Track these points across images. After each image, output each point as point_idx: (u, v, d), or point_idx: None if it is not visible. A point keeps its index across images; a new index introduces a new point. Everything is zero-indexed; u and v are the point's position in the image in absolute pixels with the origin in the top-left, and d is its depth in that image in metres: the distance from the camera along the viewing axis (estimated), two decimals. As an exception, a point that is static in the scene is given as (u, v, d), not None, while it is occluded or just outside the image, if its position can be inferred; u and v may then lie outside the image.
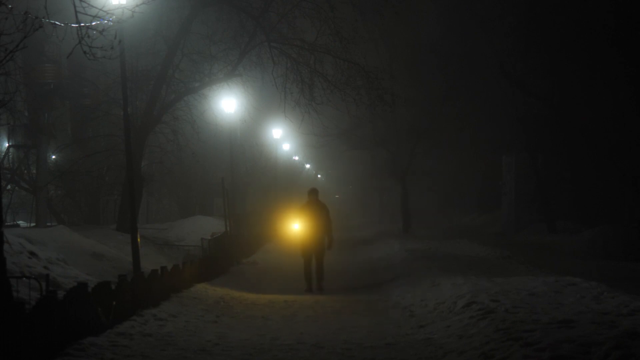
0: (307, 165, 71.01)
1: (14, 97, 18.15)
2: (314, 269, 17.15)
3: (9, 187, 27.01)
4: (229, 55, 25.08)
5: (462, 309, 11.72)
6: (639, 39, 27.89)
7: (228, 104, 26.38)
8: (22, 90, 23.52)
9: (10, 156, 27.98)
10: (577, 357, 7.77)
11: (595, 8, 29.19)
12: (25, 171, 28.17)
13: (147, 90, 25.67)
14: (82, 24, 9.66)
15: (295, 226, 17.29)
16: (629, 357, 7.54)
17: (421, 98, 36.65)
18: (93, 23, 9.76)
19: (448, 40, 34.24)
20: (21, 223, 29.08)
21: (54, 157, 29.51)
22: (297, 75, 24.38)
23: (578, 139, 32.32)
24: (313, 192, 17.54)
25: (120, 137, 23.35)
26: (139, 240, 15.99)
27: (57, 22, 10.04)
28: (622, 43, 28.46)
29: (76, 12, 9.59)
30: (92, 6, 9.83)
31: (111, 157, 28.00)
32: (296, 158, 61.69)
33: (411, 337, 10.43)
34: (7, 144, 28.08)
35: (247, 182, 40.61)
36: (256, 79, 26.32)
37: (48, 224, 26.75)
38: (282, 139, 45.18)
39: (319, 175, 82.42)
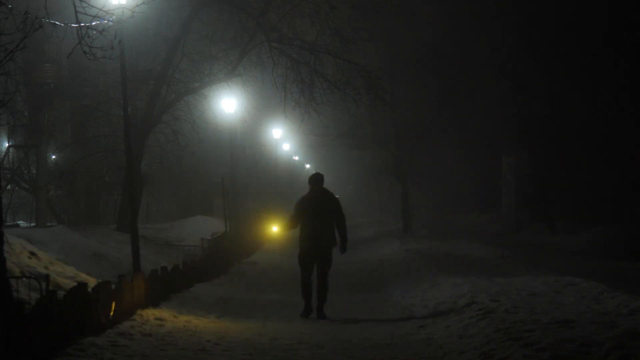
0: (307, 165, 70.99)
1: (14, 97, 18.10)
2: (314, 285, 12.93)
3: (9, 187, 26.97)
4: (229, 55, 25.08)
5: (462, 309, 11.73)
6: (636, 40, 27.94)
7: (228, 104, 26.38)
8: (22, 90, 23.48)
9: (10, 156, 27.94)
10: (577, 357, 7.78)
11: (595, 8, 29.25)
12: (25, 171, 28.14)
13: (147, 90, 25.65)
14: (82, 24, 9.66)
15: (274, 229, 13.72)
16: (629, 357, 7.54)
17: (421, 98, 36.68)
18: (93, 23, 9.75)
19: (448, 40, 34.26)
20: (21, 223, 29.02)
21: (54, 157, 29.48)
22: (297, 75, 24.40)
23: (578, 139, 32.33)
24: (317, 180, 12.92)
25: (120, 137, 23.34)
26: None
27: (57, 22, 10.02)
28: (620, 44, 28.53)
29: (76, 12, 9.58)
30: (92, 6, 9.82)
31: (111, 157, 27.97)
32: (296, 158, 61.70)
33: (411, 337, 10.43)
34: (7, 144, 28.04)
35: (247, 182, 40.57)
36: (256, 79, 26.32)
37: (48, 224, 26.70)
38: (282, 139, 45.20)
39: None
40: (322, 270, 12.80)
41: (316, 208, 12.73)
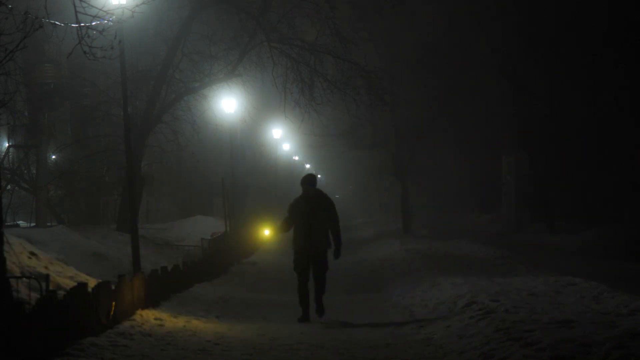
0: (307, 165, 71.07)
1: (14, 97, 18.09)
2: (311, 288, 12.46)
3: (9, 187, 26.95)
4: (229, 55, 25.09)
5: (462, 309, 11.73)
6: (635, 40, 27.97)
7: (228, 104, 26.39)
8: (22, 90, 23.48)
9: (10, 156, 27.93)
10: (577, 357, 7.78)
11: (595, 8, 29.28)
12: (25, 171, 28.13)
13: (147, 90, 25.66)
14: (82, 24, 9.66)
15: (266, 232, 12.86)
16: (628, 357, 7.54)
17: (421, 98, 36.68)
18: (93, 23, 9.76)
19: (448, 40, 34.27)
20: (21, 223, 29.00)
21: (54, 157, 29.47)
22: (297, 75, 24.42)
23: (578, 139, 32.33)
24: (309, 181, 12.57)
25: (120, 137, 23.34)
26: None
27: (57, 22, 10.03)
28: (620, 44, 28.55)
29: (76, 12, 9.59)
30: (92, 6, 9.83)
31: (111, 157, 27.97)
32: (296, 158, 61.74)
33: (411, 337, 10.42)
34: (7, 144, 28.03)
35: (247, 182, 40.58)
36: (256, 79, 26.32)
37: (48, 224, 26.70)
38: (282, 139, 45.25)
39: (319, 175, 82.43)
40: (319, 274, 12.40)
41: (310, 210, 12.27)
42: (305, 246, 12.32)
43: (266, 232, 11.42)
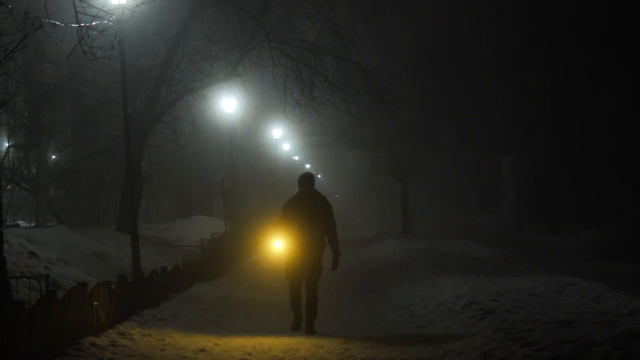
0: (307, 165, 71.09)
1: (14, 97, 18.09)
2: (303, 297, 11.45)
3: (9, 187, 26.95)
4: (229, 55, 25.11)
5: (462, 309, 11.73)
6: (635, 40, 27.98)
7: (228, 104, 26.41)
8: (22, 90, 23.47)
9: (10, 156, 27.93)
10: (577, 357, 7.78)
11: (595, 8, 29.30)
12: (25, 171, 28.13)
13: (147, 90, 25.67)
14: (82, 24, 9.67)
15: (277, 244, 11.43)
16: (628, 357, 7.54)
17: (421, 98, 36.73)
18: (93, 23, 9.77)
19: (448, 40, 34.30)
20: (21, 223, 29.01)
21: (54, 157, 29.47)
22: (297, 75, 24.44)
23: (578, 139, 32.35)
24: (307, 181, 11.54)
25: (120, 137, 23.34)
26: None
27: (57, 22, 10.04)
28: (620, 44, 28.56)
29: (76, 12, 9.59)
30: (92, 6, 9.84)
31: (111, 157, 27.98)
32: (296, 158, 61.77)
33: (411, 337, 10.42)
34: (7, 144, 28.03)
35: (247, 182, 40.59)
36: (256, 79, 26.35)
37: (48, 224, 26.70)
38: (282, 139, 45.28)
39: (319, 175, 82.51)
40: (311, 281, 11.34)
41: (305, 213, 11.22)
42: (300, 252, 11.30)
43: (277, 244, 9.71)
